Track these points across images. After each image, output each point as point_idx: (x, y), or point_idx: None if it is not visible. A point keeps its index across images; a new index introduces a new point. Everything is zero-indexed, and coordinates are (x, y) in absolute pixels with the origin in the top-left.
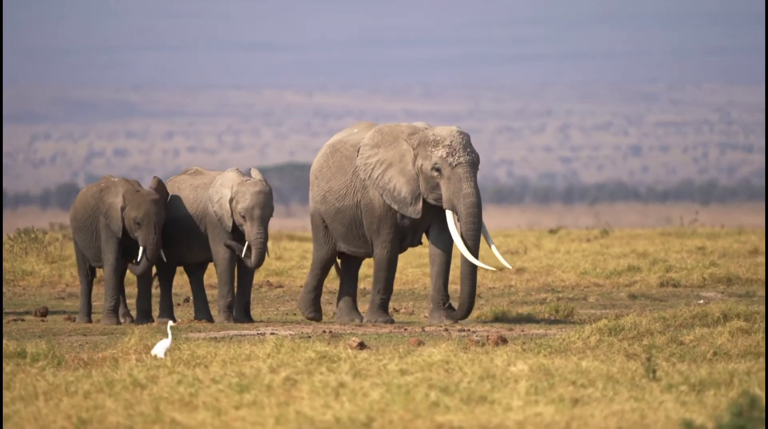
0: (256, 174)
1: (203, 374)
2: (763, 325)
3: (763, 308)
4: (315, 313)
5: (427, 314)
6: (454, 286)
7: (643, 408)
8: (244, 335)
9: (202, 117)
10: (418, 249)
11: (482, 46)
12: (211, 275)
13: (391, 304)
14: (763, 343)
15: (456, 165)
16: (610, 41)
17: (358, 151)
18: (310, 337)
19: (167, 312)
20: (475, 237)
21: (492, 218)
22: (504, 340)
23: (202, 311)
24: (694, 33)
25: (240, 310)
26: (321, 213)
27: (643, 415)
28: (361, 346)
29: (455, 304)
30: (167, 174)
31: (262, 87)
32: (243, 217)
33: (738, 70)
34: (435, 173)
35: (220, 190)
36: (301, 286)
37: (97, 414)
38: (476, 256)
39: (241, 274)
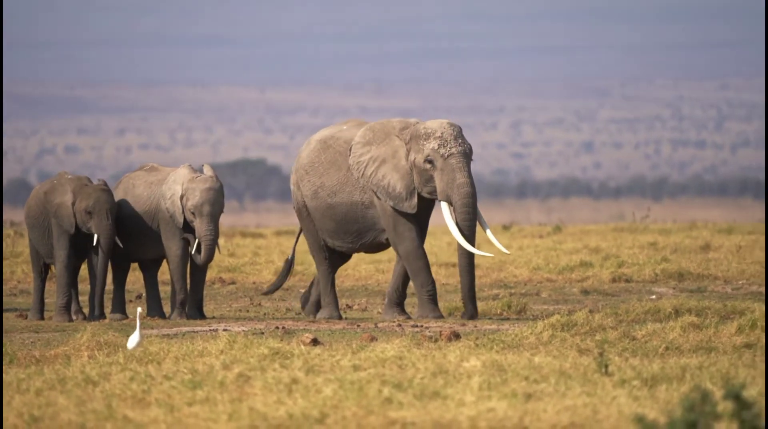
0: (208, 170)
1: (156, 371)
2: (714, 320)
3: (713, 303)
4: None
5: (380, 310)
6: (442, 282)
7: (595, 403)
8: (197, 332)
9: (153, 113)
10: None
11: (433, 41)
12: (163, 272)
13: (343, 301)
14: (714, 338)
15: (448, 156)
16: (562, 36)
17: (350, 150)
18: (263, 333)
19: (119, 308)
20: (471, 227)
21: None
22: (457, 336)
23: (155, 308)
24: (647, 28)
25: (193, 306)
26: (310, 208)
27: (596, 410)
28: (314, 342)
29: (442, 297)
30: (120, 171)
31: (213, 83)
32: (193, 213)
33: (690, 66)
34: (428, 166)
35: (172, 187)
36: (254, 283)
37: (49, 411)
38: (473, 245)
39: (194, 270)
